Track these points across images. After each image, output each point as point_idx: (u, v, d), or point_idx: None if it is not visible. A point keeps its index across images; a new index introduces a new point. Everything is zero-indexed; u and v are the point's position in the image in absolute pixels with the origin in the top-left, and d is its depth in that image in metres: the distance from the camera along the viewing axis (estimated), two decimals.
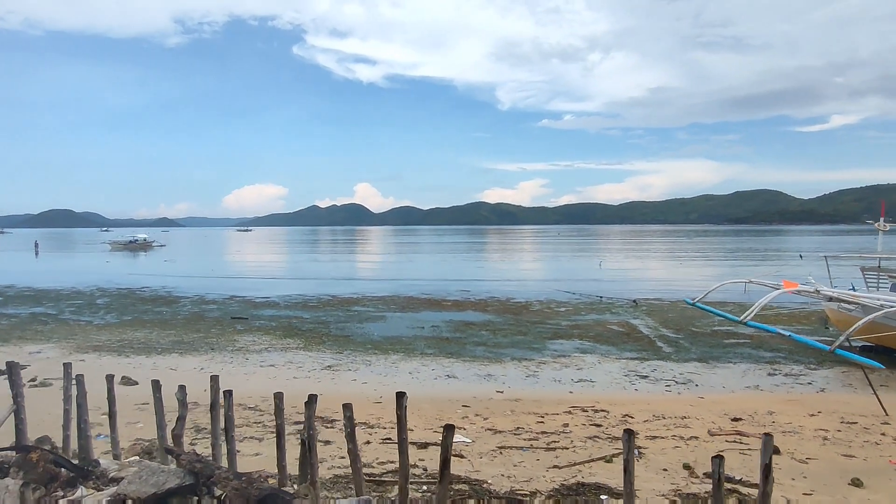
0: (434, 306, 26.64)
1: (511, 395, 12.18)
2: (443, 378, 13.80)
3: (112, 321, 22.71)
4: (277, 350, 16.99)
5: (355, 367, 14.88)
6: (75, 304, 27.47)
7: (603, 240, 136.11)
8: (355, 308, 25.97)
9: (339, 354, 16.48)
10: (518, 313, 24.36)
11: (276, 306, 26.74)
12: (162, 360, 15.66)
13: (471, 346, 17.71)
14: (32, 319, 23.05)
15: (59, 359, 15.81)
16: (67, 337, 19.18)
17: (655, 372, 14.51)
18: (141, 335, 19.53)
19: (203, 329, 20.71)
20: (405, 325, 21.53)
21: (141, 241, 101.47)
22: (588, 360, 15.82)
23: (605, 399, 11.71)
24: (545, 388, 12.89)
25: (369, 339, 18.86)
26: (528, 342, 18.43)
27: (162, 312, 24.89)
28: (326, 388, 12.75)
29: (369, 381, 13.32)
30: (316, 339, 18.86)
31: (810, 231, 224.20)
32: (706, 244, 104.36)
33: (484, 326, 21.24)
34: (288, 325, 21.40)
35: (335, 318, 23.29)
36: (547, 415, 10.40)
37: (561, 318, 23.23)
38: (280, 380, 13.46)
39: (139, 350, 16.95)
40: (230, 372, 14.21)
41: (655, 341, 18.51)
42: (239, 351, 16.78)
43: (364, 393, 12.31)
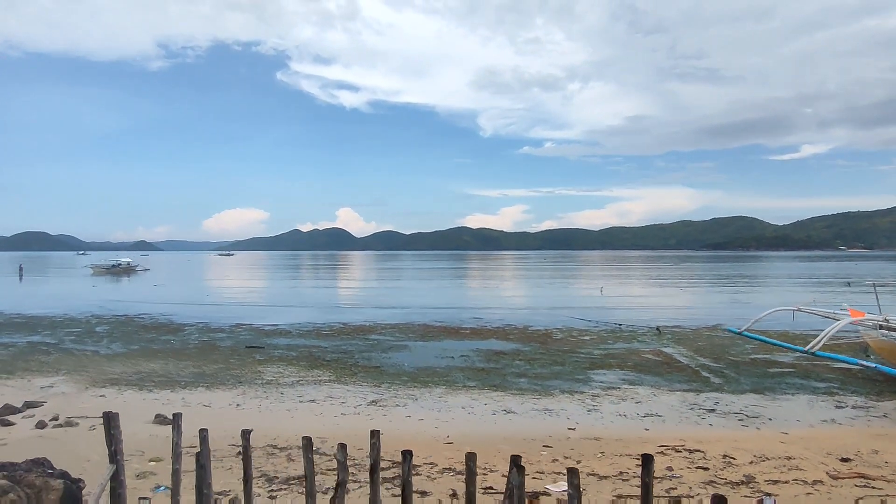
0: (453, 334, 25.76)
1: (585, 432, 11.36)
2: (500, 413, 12.93)
3: (119, 351, 21.40)
4: (310, 383, 15.95)
5: (402, 401, 13.93)
6: (74, 332, 26.00)
7: (591, 265, 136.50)
8: (372, 336, 24.97)
9: (378, 388, 15.52)
10: (543, 342, 23.60)
11: (288, 335, 25.60)
12: (190, 394, 14.53)
13: (512, 378, 16.87)
14: (32, 349, 21.63)
15: (75, 393, 14.66)
16: (77, 369, 17.89)
17: (718, 405, 13.82)
18: (156, 366, 18.32)
19: (220, 359, 19.56)
20: (432, 355, 20.62)
21: (124, 264, 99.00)
22: (641, 393, 15.09)
23: (688, 437, 10.96)
24: (616, 425, 12.09)
25: (401, 371, 17.92)
26: (568, 373, 17.66)
27: (170, 341, 23.61)
28: (382, 426, 11.78)
29: (426, 418, 12.39)
30: (345, 370, 17.85)
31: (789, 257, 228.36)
32: (697, 270, 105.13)
33: (515, 356, 20.44)
34: (309, 355, 20.33)
35: (356, 347, 22.27)
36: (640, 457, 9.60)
37: (589, 346, 22.52)
38: (327, 417, 12.47)
39: (161, 383, 15.78)
40: (270, 409, 13.17)
41: (699, 371, 17.86)
42: (269, 384, 15.70)
43: (427, 432, 11.39)
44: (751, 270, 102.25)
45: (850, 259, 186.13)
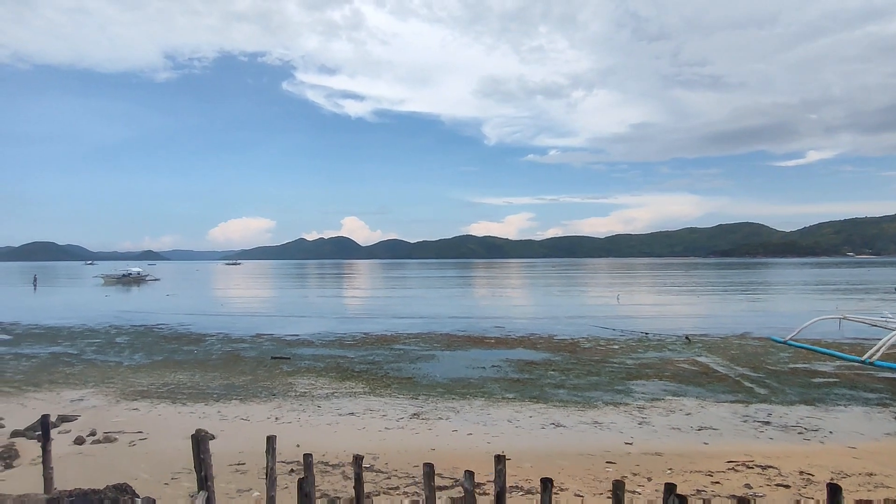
0: (478, 344, 25.31)
1: (643, 447, 10.90)
2: (549, 427, 12.47)
3: (143, 362, 21.06)
4: (345, 395, 15.54)
5: (444, 414, 13.50)
6: (94, 343, 25.70)
7: (600, 273, 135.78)
8: (397, 346, 24.55)
9: (415, 400, 15.09)
10: (572, 351, 23.12)
11: (311, 345, 25.21)
12: (225, 408, 14.14)
13: (550, 389, 16.42)
14: (55, 360, 21.32)
15: (107, 407, 14.30)
16: (104, 381, 17.54)
17: (772, 417, 13.32)
18: (184, 378, 17.96)
19: (247, 371, 19.19)
20: (463, 366, 20.18)
21: (135, 274, 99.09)
22: (688, 404, 14.60)
23: (753, 451, 10.48)
24: (673, 439, 11.62)
25: (435, 382, 17.49)
26: (606, 383, 17.19)
27: (192, 352, 23.26)
28: (430, 441, 11.40)
29: (474, 433, 11.95)
30: (377, 381, 17.44)
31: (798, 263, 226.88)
32: (709, 278, 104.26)
33: (547, 366, 19.98)
34: (337, 366, 19.94)
35: (383, 357, 21.86)
36: (713, 473, 9.16)
37: (620, 356, 22.03)
38: (371, 431, 12.04)
39: (192, 396, 15.40)
40: (310, 423, 12.76)
41: (741, 381, 17.34)
42: (303, 397, 15.30)
43: (479, 447, 10.95)
44: (763, 277, 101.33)
45: (860, 266, 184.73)
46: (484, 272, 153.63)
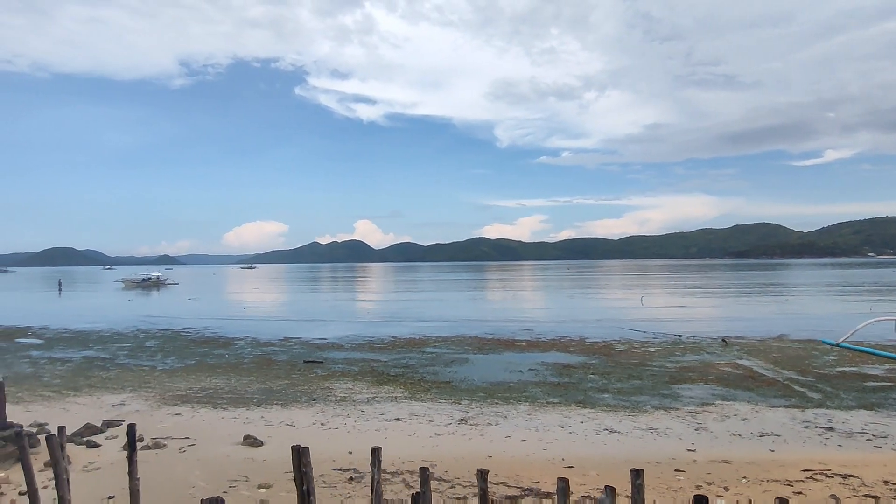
0: (510, 347, 24.95)
1: (708, 454, 10.48)
2: (603, 433, 12.08)
3: (176, 366, 20.98)
4: (385, 400, 15.27)
5: (492, 419, 13.17)
6: (125, 347, 25.73)
7: (617, 275, 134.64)
8: (428, 350, 24.26)
9: (458, 405, 14.78)
10: (608, 354, 22.68)
11: (340, 348, 25.01)
12: (267, 413, 13.93)
13: (594, 393, 16.02)
14: (89, 364, 21.32)
15: (149, 411, 14.15)
16: (141, 385, 17.44)
17: (833, 423, 12.81)
18: (220, 382, 17.81)
19: (282, 375, 19.00)
20: (499, 369, 19.84)
21: (154, 278, 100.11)
22: (741, 409, 14.13)
23: (826, 459, 10.02)
24: (736, 445, 11.18)
25: (474, 386, 17.16)
26: (650, 387, 16.75)
27: (224, 356, 23.16)
28: (485, 447, 11.08)
29: (528, 439, 11.60)
30: (415, 386, 17.15)
31: (818, 264, 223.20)
32: (730, 279, 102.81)
33: (585, 369, 19.57)
34: (371, 370, 19.69)
35: (416, 360, 21.58)
36: (792, 482, 8.73)
37: (659, 359, 21.55)
38: (422, 437, 11.75)
39: (232, 401, 15.22)
40: (357, 428, 12.49)
41: (790, 385, 16.81)
42: (344, 402, 15.05)
43: (536, 454, 10.60)
44: (785, 278, 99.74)
45: (882, 266, 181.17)
46: (500, 275, 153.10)
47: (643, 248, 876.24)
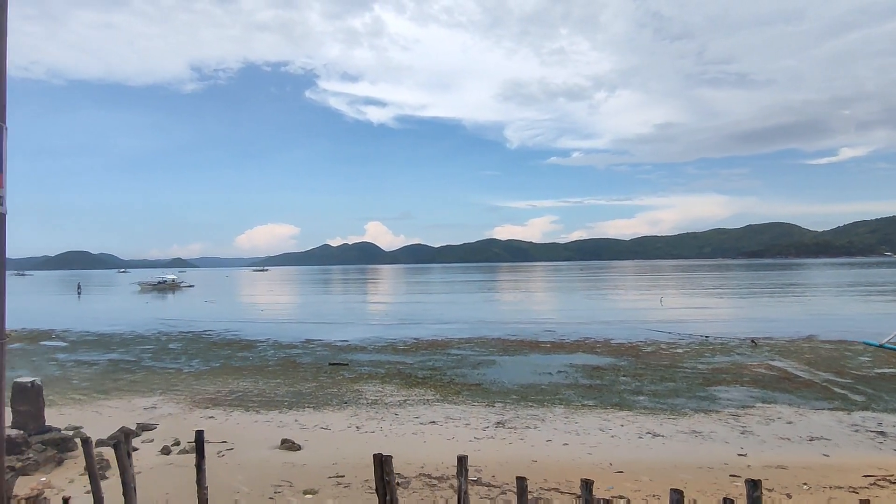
0: (535, 348, 24.66)
1: (760, 459, 10.15)
2: (646, 437, 11.78)
3: (202, 368, 20.93)
4: (417, 403, 15.05)
5: (529, 423, 12.90)
6: (148, 350, 25.75)
7: (631, 275, 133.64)
8: (452, 351, 24.03)
9: (492, 407, 14.53)
10: (636, 355, 22.32)
11: (364, 350, 24.86)
12: (300, 416, 13.77)
13: (629, 395, 15.71)
14: (115, 367, 21.32)
15: (182, 415, 14.05)
16: (170, 388, 17.38)
17: (884, 427, 12.40)
18: (248, 385, 17.70)
19: (309, 377, 18.86)
20: (527, 371, 19.56)
21: (170, 281, 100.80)
22: (784, 412, 13.75)
23: (888, 465, 9.66)
24: (787, 450, 10.82)
25: (505, 388, 16.90)
26: (685, 389, 16.40)
27: (248, 358, 23.09)
28: (528, 451, 10.83)
29: (570, 443, 11.33)
30: (446, 388, 16.93)
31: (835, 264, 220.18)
32: (746, 279, 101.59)
33: (616, 371, 19.25)
34: (398, 373, 19.50)
35: (442, 363, 21.36)
36: (857, 489, 8.40)
37: (689, 360, 21.17)
38: (461, 441, 11.51)
39: (264, 403, 15.09)
40: (394, 432, 12.29)
41: (829, 387, 16.38)
42: (376, 405, 14.86)
43: (582, 458, 10.32)
44: (803, 278, 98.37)
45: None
46: (513, 276, 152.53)
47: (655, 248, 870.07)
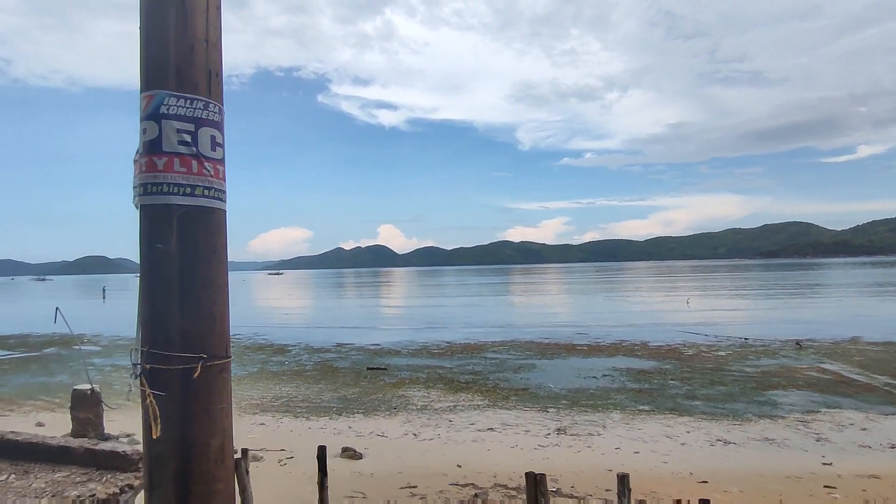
0: (572, 351, 24.24)
1: (848, 468, 9.68)
2: (717, 444, 11.35)
3: (240, 373, 20.73)
4: (468, 408, 14.73)
5: (590, 429, 12.52)
6: None
7: (650, 277, 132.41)
8: (489, 355, 23.68)
9: (545, 413, 14.18)
10: (678, 359, 21.82)
11: (398, 354, 24.59)
12: (353, 422, 13.50)
13: (683, 400, 15.27)
14: None
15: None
16: None
17: None
18: (290, 390, 17.50)
19: (350, 382, 18.62)
20: (571, 375, 19.17)
21: None
22: (853, 417, 13.24)
23: None
24: (871, 457, 10.35)
25: (553, 393, 16.54)
26: (741, 394, 15.92)
27: (283, 362, 22.92)
28: (599, 459, 10.46)
29: (640, 451, 10.93)
30: (492, 393, 16.59)
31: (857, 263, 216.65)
32: (769, 279, 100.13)
33: (662, 374, 18.80)
34: (440, 377, 19.19)
35: (481, 366, 21.03)
36: None
37: (734, 363, 20.64)
38: (525, 449, 11.16)
39: (312, 410, 14.86)
40: (453, 439, 11.97)
41: (891, 391, 15.82)
42: (426, 410, 14.56)
43: (659, 468, 9.93)
44: (828, 279, 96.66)
45: None
46: (529, 278, 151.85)
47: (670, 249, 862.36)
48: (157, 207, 2.33)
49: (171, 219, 2.29)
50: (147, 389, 2.35)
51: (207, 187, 2.36)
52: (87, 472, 4.38)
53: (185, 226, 2.32)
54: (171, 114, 2.29)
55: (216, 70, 2.43)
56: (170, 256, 2.30)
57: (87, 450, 4.51)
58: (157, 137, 2.30)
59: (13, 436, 4.79)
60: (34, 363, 23.76)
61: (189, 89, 2.30)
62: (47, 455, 4.54)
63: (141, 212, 2.41)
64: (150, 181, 2.33)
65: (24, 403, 16.16)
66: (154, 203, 2.33)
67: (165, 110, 2.29)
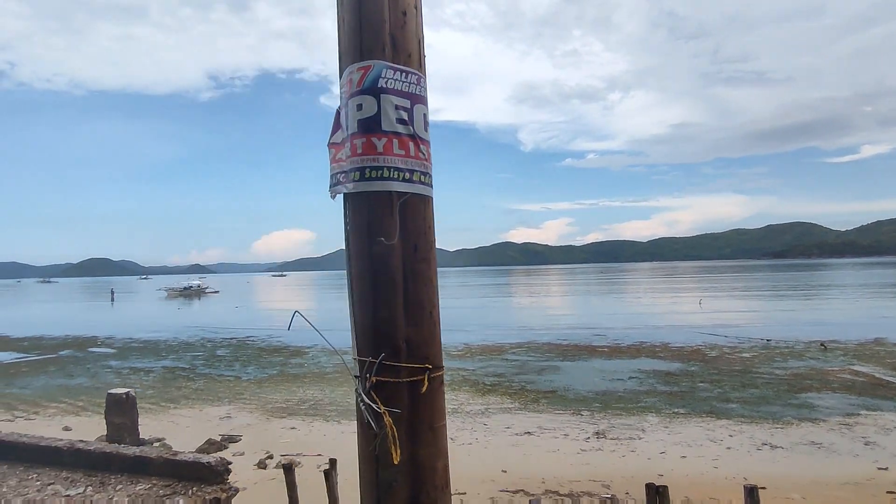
0: (593, 353, 23.96)
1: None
2: (764, 448, 11.06)
3: (260, 375, 20.56)
4: (500, 412, 14.48)
5: (629, 433, 12.23)
6: (198, 356, 25.51)
7: (657, 278, 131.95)
8: (509, 357, 23.43)
9: (580, 416, 13.91)
10: (703, 360, 21.52)
11: None
12: None
13: (717, 403, 14.98)
14: (172, 375, 21.05)
15: (261, 425, 13.63)
16: (235, 396, 17.00)
17: None
18: (316, 393, 17.26)
19: None
20: (597, 377, 18.89)
21: (195, 287, 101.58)
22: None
23: None
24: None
25: (582, 395, 16.28)
26: (775, 396, 15.62)
27: (303, 365, 22.69)
28: (646, 464, 10.18)
29: (687, 455, 10.65)
30: (521, 395, 16.35)
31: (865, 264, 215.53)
32: (778, 280, 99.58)
33: (690, 377, 18.51)
34: (464, 379, 18.96)
35: (503, 368, 20.78)
36: None
37: (762, 365, 20.33)
38: (567, 453, 10.89)
39: (341, 413, 14.59)
40: (492, 443, 11.71)
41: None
42: (458, 413, 14.30)
43: (708, 473, 9.64)
44: (838, 279, 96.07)
45: None
46: (534, 279, 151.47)
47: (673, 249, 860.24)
48: (377, 195, 2.03)
49: (392, 208, 2.01)
50: (382, 407, 2.07)
51: (423, 172, 2.09)
52: (170, 483, 4.14)
53: (403, 217, 2.06)
54: (389, 88, 1.99)
55: (422, 40, 2.16)
56: (392, 252, 2.04)
57: (167, 460, 4.28)
58: (377, 115, 2.00)
59: (83, 445, 4.56)
60: (51, 365, 23.60)
61: (403, 60, 2.02)
62: (122, 465, 4.31)
63: (351, 200, 2.10)
64: (371, 164, 2.01)
65: (48, 406, 15.96)
66: (375, 190, 2.02)
67: (384, 84, 1.99)
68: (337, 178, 2.12)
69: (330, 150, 2.15)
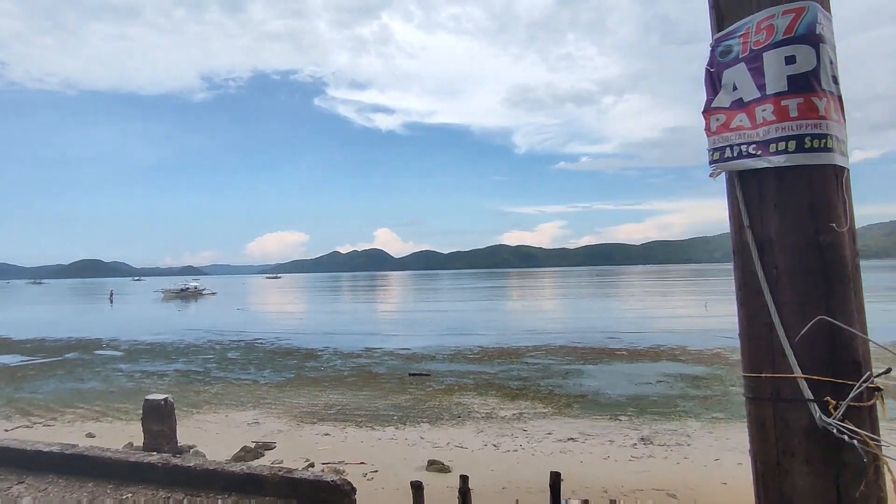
0: (612, 356, 23.67)
1: None
2: None
3: (278, 379, 20.12)
4: (535, 417, 14.12)
5: (677, 438, 11.92)
6: (209, 359, 25.01)
7: (653, 280, 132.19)
8: (529, 360, 23.08)
9: (618, 421, 13.59)
10: (726, 364, 21.23)
11: (434, 359, 23.96)
12: (422, 432, 12.86)
13: None
14: (186, 378, 20.57)
15: (292, 431, 13.22)
16: (258, 401, 16.56)
17: None
18: (339, 397, 16.85)
19: (397, 388, 17.99)
20: (623, 381, 18.59)
21: (192, 289, 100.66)
22: None
23: None
24: None
25: (614, 400, 15.96)
26: None
27: (319, 368, 22.27)
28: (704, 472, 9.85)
29: (743, 462, 10.32)
30: (550, 399, 16.00)
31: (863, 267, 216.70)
32: None
33: (718, 380, 18.24)
34: (488, 383, 18.59)
35: (525, 372, 20.44)
36: None
37: None
38: (619, 461, 10.55)
39: (372, 418, 14.21)
40: (539, 450, 11.34)
41: None
42: (493, 419, 13.94)
43: None
44: None
45: None
46: (529, 282, 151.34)
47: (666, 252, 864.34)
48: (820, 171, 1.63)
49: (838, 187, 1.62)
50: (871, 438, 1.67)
51: (844, 141, 1.70)
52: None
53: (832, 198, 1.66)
54: (826, 37, 1.58)
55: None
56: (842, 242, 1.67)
57: (284, 478, 3.89)
58: (815, 70, 1.59)
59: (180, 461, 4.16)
60: (59, 368, 23.03)
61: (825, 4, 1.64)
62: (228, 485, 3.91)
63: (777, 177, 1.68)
64: (812, 132, 1.60)
65: (64, 411, 15.46)
66: (819, 163, 1.62)
67: (820, 30, 1.59)
68: (738, 149, 1.74)
69: (709, 118, 1.77)
